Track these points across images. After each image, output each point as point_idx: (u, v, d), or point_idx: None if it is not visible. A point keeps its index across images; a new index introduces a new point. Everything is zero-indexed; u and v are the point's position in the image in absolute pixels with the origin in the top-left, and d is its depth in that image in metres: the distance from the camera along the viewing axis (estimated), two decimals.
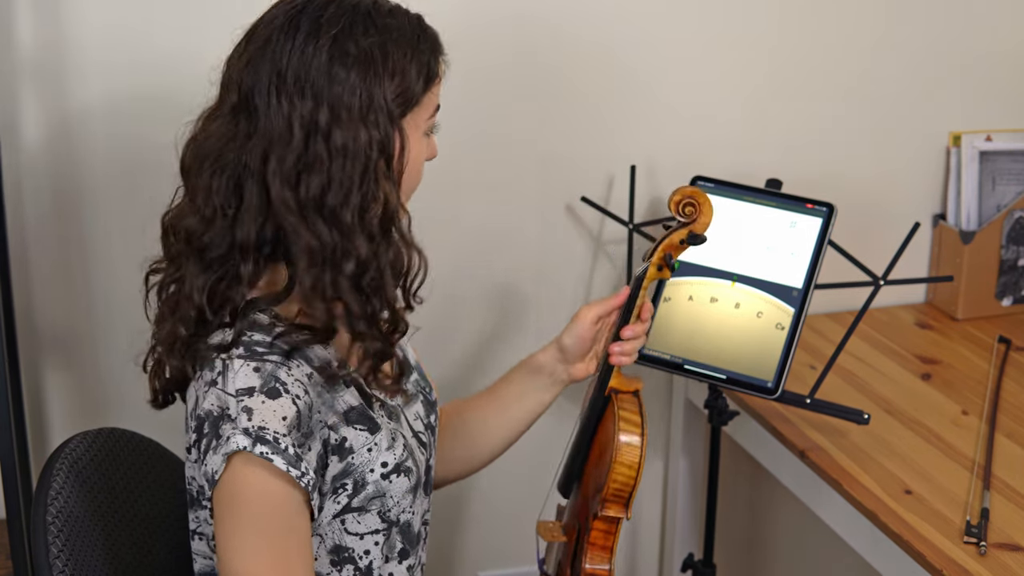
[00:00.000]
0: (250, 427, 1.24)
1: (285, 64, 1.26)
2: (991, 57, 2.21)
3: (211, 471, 1.25)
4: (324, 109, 1.25)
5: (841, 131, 2.18)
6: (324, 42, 1.25)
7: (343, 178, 1.25)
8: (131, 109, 1.86)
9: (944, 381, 1.97)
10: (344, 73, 1.25)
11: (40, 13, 1.80)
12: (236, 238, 1.28)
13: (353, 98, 1.25)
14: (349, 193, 1.26)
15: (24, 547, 1.78)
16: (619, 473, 1.47)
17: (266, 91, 1.26)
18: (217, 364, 1.28)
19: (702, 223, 1.52)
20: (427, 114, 1.33)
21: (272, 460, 1.23)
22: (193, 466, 1.34)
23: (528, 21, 1.98)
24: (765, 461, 1.93)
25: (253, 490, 1.25)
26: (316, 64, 1.25)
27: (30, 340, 1.93)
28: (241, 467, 1.24)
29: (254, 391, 1.26)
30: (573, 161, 2.08)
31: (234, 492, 1.25)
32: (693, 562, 2.07)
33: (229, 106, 1.29)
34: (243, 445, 1.23)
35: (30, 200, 1.87)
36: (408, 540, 1.42)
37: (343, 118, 1.25)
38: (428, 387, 1.53)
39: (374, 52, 1.26)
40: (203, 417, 1.27)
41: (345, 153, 1.25)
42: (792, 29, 2.11)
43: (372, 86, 1.26)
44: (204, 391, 1.29)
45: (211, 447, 1.26)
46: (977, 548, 1.51)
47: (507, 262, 2.09)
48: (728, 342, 1.67)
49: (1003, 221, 2.18)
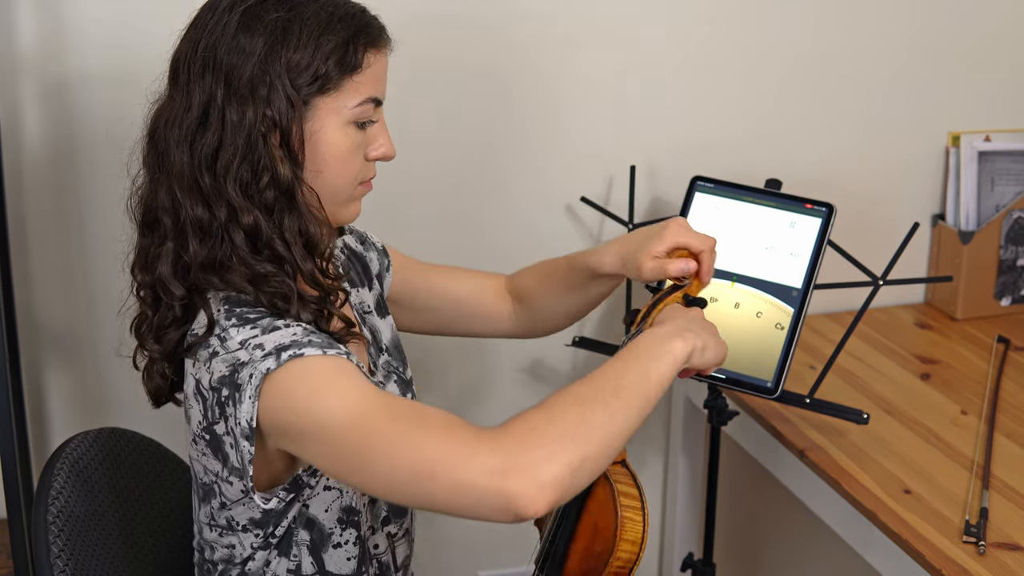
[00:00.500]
0: (268, 351, 1.23)
1: (200, 36, 1.30)
2: (991, 57, 2.21)
3: (246, 422, 1.23)
4: (221, 81, 1.28)
5: (841, 131, 2.18)
6: (235, 15, 1.29)
7: (231, 149, 1.28)
8: (131, 107, 1.85)
9: (943, 381, 1.97)
10: (247, 43, 1.28)
11: (40, 12, 1.80)
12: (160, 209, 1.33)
13: (248, 69, 1.28)
14: (230, 165, 1.28)
15: (25, 547, 1.79)
16: (623, 551, 1.43)
17: (186, 65, 1.30)
18: (213, 341, 1.29)
19: (697, 286, 1.47)
20: (350, 102, 1.32)
21: (303, 353, 1.22)
22: (203, 456, 1.33)
23: (528, 21, 1.99)
24: (765, 461, 1.93)
25: (300, 384, 1.21)
26: (225, 36, 1.29)
27: (31, 339, 1.93)
28: (277, 386, 1.22)
29: (257, 335, 1.26)
30: (573, 161, 2.08)
31: (285, 402, 1.21)
32: (693, 562, 2.07)
33: (167, 83, 1.33)
34: (268, 367, 1.22)
35: (30, 199, 1.87)
36: (393, 508, 1.46)
37: (235, 89, 1.28)
38: (402, 366, 1.54)
39: (277, 26, 1.28)
40: (217, 386, 1.27)
41: (233, 126, 1.28)
42: (792, 29, 2.11)
43: (271, 59, 1.28)
44: (206, 367, 1.28)
45: (236, 402, 1.24)
46: (976, 548, 1.52)
47: (507, 262, 2.09)
48: (728, 342, 1.66)
49: (1002, 221, 2.18)
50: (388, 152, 1.39)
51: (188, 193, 1.29)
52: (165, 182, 1.31)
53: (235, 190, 1.28)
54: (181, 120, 1.30)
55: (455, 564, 2.27)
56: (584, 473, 1.15)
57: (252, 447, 1.25)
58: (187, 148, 1.29)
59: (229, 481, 1.32)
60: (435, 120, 1.99)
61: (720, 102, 2.11)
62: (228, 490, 1.34)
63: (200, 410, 1.30)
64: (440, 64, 1.96)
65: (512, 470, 1.11)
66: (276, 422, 1.23)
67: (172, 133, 1.30)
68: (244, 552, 1.38)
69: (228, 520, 1.37)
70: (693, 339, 1.32)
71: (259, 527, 1.36)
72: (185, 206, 1.29)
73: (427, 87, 1.95)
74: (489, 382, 2.16)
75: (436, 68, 1.96)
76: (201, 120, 1.29)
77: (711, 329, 1.39)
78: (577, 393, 1.19)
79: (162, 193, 1.32)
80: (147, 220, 1.35)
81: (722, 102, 2.11)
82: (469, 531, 2.24)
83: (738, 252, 1.70)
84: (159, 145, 1.32)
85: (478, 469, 1.12)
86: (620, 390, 1.21)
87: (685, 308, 1.43)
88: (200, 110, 1.29)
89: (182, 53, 1.32)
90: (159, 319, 1.36)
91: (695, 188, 1.76)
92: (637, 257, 1.48)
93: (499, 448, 1.13)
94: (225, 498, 1.35)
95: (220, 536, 1.39)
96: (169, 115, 1.31)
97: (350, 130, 1.33)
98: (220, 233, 1.30)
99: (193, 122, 1.29)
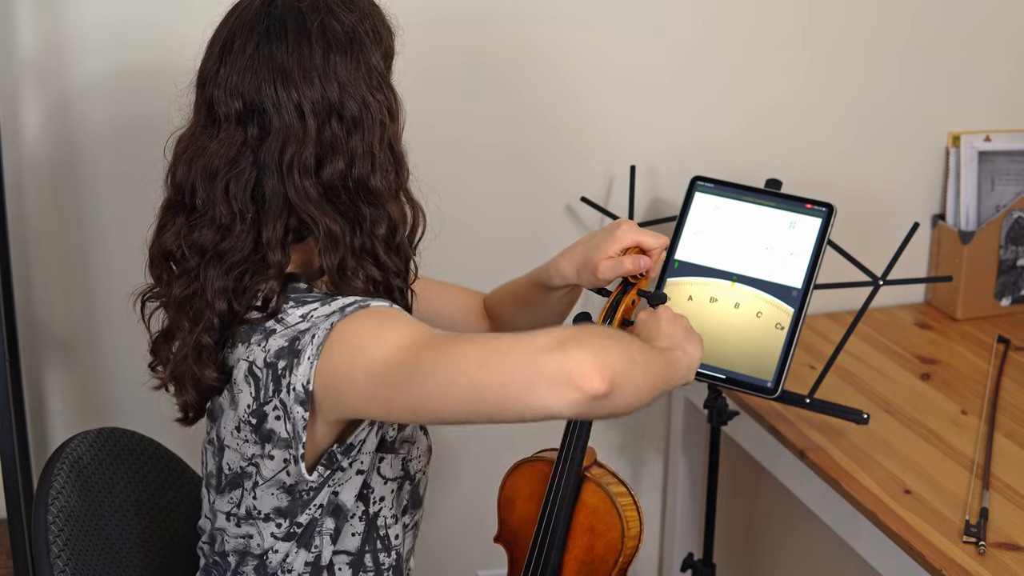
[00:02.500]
0: (331, 311, 1.27)
1: (281, 60, 1.30)
2: (991, 57, 2.21)
3: (301, 385, 1.25)
4: (333, 88, 1.30)
5: (841, 131, 2.18)
6: (315, 31, 1.30)
7: (364, 148, 1.31)
8: (131, 107, 1.86)
9: (943, 381, 1.97)
10: (340, 54, 1.31)
11: (40, 12, 1.80)
12: (262, 237, 1.32)
13: (355, 72, 1.31)
14: (373, 161, 1.32)
15: (25, 547, 1.79)
16: (629, 547, 1.46)
17: (272, 90, 1.29)
18: (268, 323, 1.31)
19: (644, 283, 1.50)
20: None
21: (369, 304, 1.26)
22: (244, 444, 1.33)
23: (528, 21, 1.99)
24: (765, 461, 1.93)
25: (369, 325, 1.24)
26: (311, 52, 1.30)
27: (31, 339, 1.93)
28: (343, 335, 1.24)
29: (316, 307, 1.29)
30: (573, 161, 2.08)
31: (355, 343, 1.23)
32: (693, 561, 2.07)
33: (233, 116, 1.31)
34: (333, 321, 1.25)
35: (31, 199, 1.87)
36: (414, 499, 1.48)
37: (351, 93, 1.31)
38: None
39: (357, 28, 1.32)
40: (274, 360, 1.28)
41: (361, 124, 1.31)
42: (792, 30, 2.11)
43: (366, 56, 1.32)
44: (261, 346, 1.29)
45: (292, 367, 1.26)
46: (976, 548, 1.52)
47: (507, 262, 2.09)
48: (728, 342, 1.67)
49: (1002, 221, 2.18)
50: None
51: (324, 213, 1.32)
52: (282, 207, 1.33)
53: (381, 184, 1.34)
54: (288, 141, 1.31)
55: (455, 564, 2.27)
56: (632, 373, 1.17)
57: (306, 412, 1.26)
58: (306, 169, 1.31)
59: (270, 455, 1.32)
60: (434, 120, 1.99)
61: (720, 102, 2.11)
62: (267, 465, 1.33)
63: (251, 392, 1.30)
64: (439, 64, 1.96)
65: (568, 342, 1.13)
66: (336, 371, 1.24)
67: (293, 174, 1.31)
68: (262, 543, 1.38)
69: (249, 509, 1.37)
70: (683, 357, 1.35)
71: (283, 516, 1.36)
72: (319, 220, 1.32)
73: (426, 87, 1.95)
74: None
75: (435, 68, 1.96)
76: (319, 133, 1.31)
77: (692, 339, 1.40)
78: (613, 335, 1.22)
79: (292, 220, 1.34)
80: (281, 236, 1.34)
81: (722, 102, 2.11)
82: (469, 531, 2.23)
83: (738, 252, 1.70)
84: (265, 176, 1.33)
85: (531, 346, 1.14)
86: (650, 350, 1.26)
87: (654, 315, 1.43)
88: (315, 124, 1.31)
89: (260, 82, 1.31)
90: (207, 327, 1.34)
91: (695, 188, 1.76)
92: (592, 260, 1.52)
93: (552, 333, 1.15)
94: (260, 476, 1.35)
95: (237, 526, 1.39)
96: (264, 143, 1.32)
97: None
98: (360, 234, 1.34)
99: (312, 139, 1.31)
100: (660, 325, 1.39)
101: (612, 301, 1.48)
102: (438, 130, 1.99)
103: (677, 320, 1.41)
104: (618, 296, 1.50)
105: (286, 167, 1.30)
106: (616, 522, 1.46)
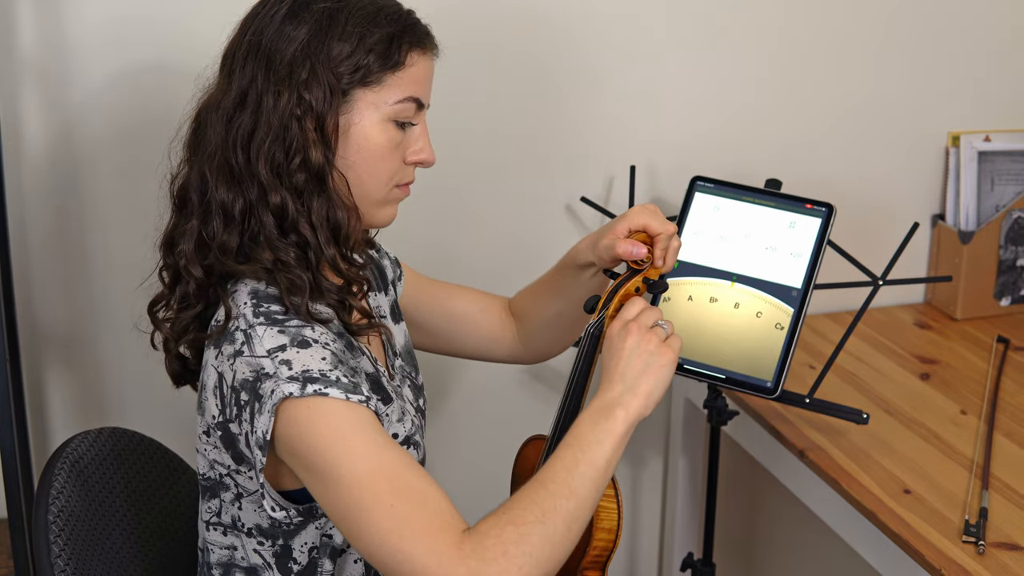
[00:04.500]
0: (294, 374, 1.24)
1: (250, 25, 1.34)
2: (991, 57, 2.21)
3: (261, 433, 1.25)
4: (263, 65, 1.31)
5: (840, 131, 2.18)
6: (285, 4, 1.33)
7: (265, 129, 1.30)
8: (131, 107, 1.86)
9: (943, 381, 1.97)
10: (293, 30, 1.31)
11: (40, 12, 1.80)
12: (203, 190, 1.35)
13: (290, 53, 1.31)
14: (262, 144, 1.30)
15: (25, 547, 1.79)
16: (599, 540, 1.44)
17: (231, 52, 1.34)
18: (238, 336, 1.29)
19: (655, 271, 1.45)
20: (390, 98, 1.34)
21: (328, 394, 1.24)
22: (214, 450, 1.34)
23: (528, 21, 1.99)
24: (764, 461, 1.93)
25: (317, 424, 1.23)
26: (272, 22, 1.32)
27: (31, 339, 1.93)
28: (295, 415, 1.24)
29: (285, 347, 1.27)
30: (573, 161, 2.08)
31: (299, 435, 1.23)
32: (692, 561, 2.07)
33: (217, 72, 1.37)
34: (290, 391, 1.23)
35: (31, 199, 1.87)
36: None
37: (275, 71, 1.31)
38: (414, 372, 1.56)
39: (324, 15, 1.32)
40: (239, 388, 1.27)
41: (269, 108, 1.30)
42: (792, 30, 2.11)
43: (313, 46, 1.31)
44: (230, 364, 1.29)
45: (255, 411, 1.26)
46: (976, 547, 1.52)
47: (507, 262, 2.09)
48: (727, 342, 1.67)
49: (1002, 221, 2.18)
50: (428, 158, 1.40)
51: (218, 173, 1.32)
52: (199, 162, 1.34)
53: (266, 170, 1.30)
54: (220, 103, 1.33)
55: None
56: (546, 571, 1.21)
57: (264, 458, 1.26)
58: (223, 128, 1.32)
59: (250, 476, 1.33)
60: (434, 120, 1.98)
61: (720, 102, 2.11)
62: (247, 483, 1.34)
63: (217, 405, 1.31)
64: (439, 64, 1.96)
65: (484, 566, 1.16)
66: (288, 446, 1.25)
67: (212, 116, 1.33)
68: (248, 558, 1.38)
69: (234, 519, 1.37)
70: (633, 401, 1.30)
71: (265, 536, 1.36)
72: (213, 186, 1.32)
73: None
74: (496, 382, 2.16)
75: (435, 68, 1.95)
76: (239, 102, 1.32)
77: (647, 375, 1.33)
78: (540, 506, 1.22)
79: (195, 173, 1.35)
80: (179, 199, 1.37)
81: (722, 102, 2.11)
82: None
83: (738, 252, 1.70)
84: (200, 128, 1.35)
85: (447, 557, 1.17)
86: (574, 491, 1.24)
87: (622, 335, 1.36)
88: (239, 93, 1.32)
89: (232, 42, 1.36)
90: (176, 301, 1.39)
91: (695, 188, 1.76)
92: (603, 237, 1.49)
93: (472, 568, 1.17)
94: (242, 489, 1.35)
95: (222, 535, 1.39)
96: (212, 100, 1.35)
97: (389, 127, 1.35)
98: (246, 217, 1.32)
99: (231, 104, 1.32)
100: (620, 354, 1.33)
101: (614, 286, 1.44)
102: (437, 130, 1.99)
103: (641, 346, 1.33)
104: (621, 282, 1.45)
105: (211, 124, 1.34)
106: None
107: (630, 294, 1.43)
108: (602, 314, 1.41)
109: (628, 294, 1.42)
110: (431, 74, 1.40)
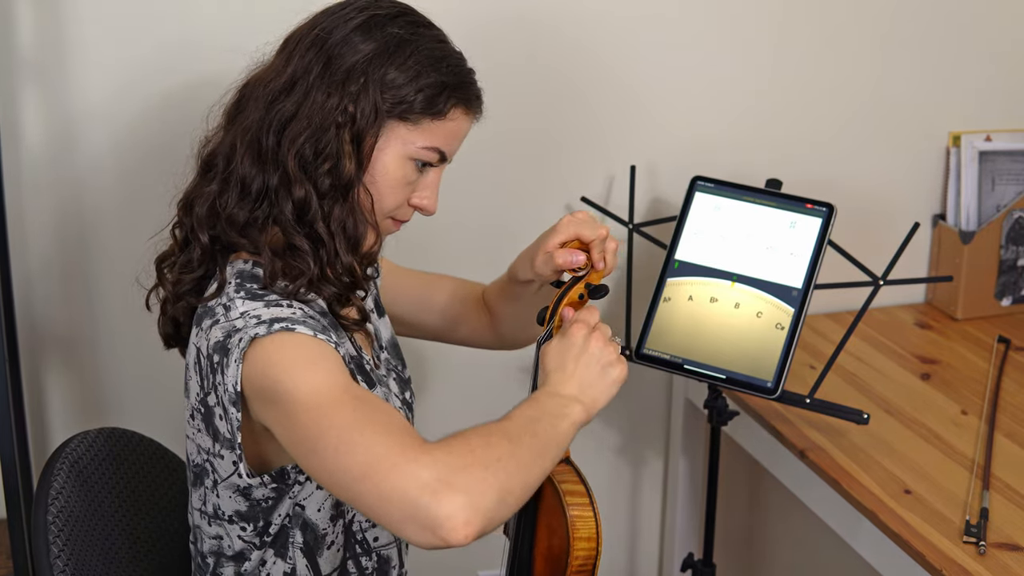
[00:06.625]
0: (262, 320, 1.26)
1: (321, 20, 1.35)
2: (991, 57, 2.21)
3: (231, 385, 1.26)
4: (322, 61, 1.32)
5: (841, 131, 2.18)
6: (362, 15, 1.34)
7: (304, 122, 1.31)
8: (131, 107, 1.86)
9: (943, 381, 1.97)
10: (361, 42, 1.33)
11: (40, 12, 1.80)
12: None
13: (350, 62, 1.32)
14: (297, 136, 1.31)
15: (25, 547, 1.79)
16: (580, 549, 1.43)
17: (296, 38, 1.35)
18: (218, 310, 1.31)
19: (597, 275, 1.46)
20: (421, 141, 1.36)
21: (295, 329, 1.25)
22: (198, 434, 1.35)
23: (529, 22, 1.99)
24: (765, 461, 1.93)
25: (282, 351, 1.24)
26: (344, 27, 1.33)
27: (31, 340, 1.93)
28: (260, 352, 1.24)
29: (258, 308, 1.29)
30: (573, 161, 2.08)
31: (263, 368, 1.23)
32: (693, 562, 2.07)
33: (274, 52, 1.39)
34: (256, 332, 1.25)
35: (31, 199, 1.87)
36: None
37: (331, 73, 1.32)
38: (400, 365, 1.56)
39: (393, 40, 1.33)
40: (212, 352, 1.29)
41: (315, 104, 1.31)
42: (793, 30, 2.11)
43: (373, 65, 1.32)
44: (206, 334, 1.31)
45: (224, 367, 1.26)
46: (976, 548, 1.52)
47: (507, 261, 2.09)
48: (728, 342, 1.67)
49: (1002, 221, 2.18)
50: (430, 207, 1.42)
51: (248, 148, 1.33)
52: (233, 132, 1.35)
53: (294, 161, 1.31)
54: (270, 82, 1.34)
55: (455, 564, 2.26)
56: (505, 507, 1.18)
57: (239, 412, 1.27)
58: (264, 107, 1.33)
59: (220, 455, 1.34)
60: None
61: (720, 102, 2.11)
62: (220, 465, 1.35)
63: (198, 380, 1.33)
64: None
65: (445, 488, 1.13)
66: (254, 386, 1.25)
67: (257, 91, 1.34)
68: (233, 545, 1.39)
69: (215, 508, 1.38)
70: (582, 410, 1.31)
71: (246, 520, 1.37)
72: (240, 158, 1.33)
73: None
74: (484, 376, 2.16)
75: None
76: (288, 87, 1.33)
77: (608, 372, 1.35)
78: (506, 428, 1.22)
79: (226, 141, 1.36)
80: (206, 163, 1.38)
81: (722, 102, 2.11)
82: None
83: (738, 252, 1.70)
84: (243, 100, 1.37)
85: (413, 477, 1.14)
86: (536, 435, 1.24)
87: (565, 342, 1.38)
88: (290, 78, 1.33)
89: (299, 29, 1.37)
90: (182, 260, 1.39)
91: (695, 188, 1.76)
92: (537, 254, 1.50)
93: (437, 462, 1.15)
94: (217, 475, 1.36)
95: (209, 525, 1.40)
96: (262, 76, 1.36)
97: (408, 164, 1.37)
98: (261, 197, 1.33)
99: (280, 86, 1.33)
100: (566, 360, 1.34)
101: (559, 295, 1.46)
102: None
103: (603, 356, 1.34)
104: (564, 290, 1.46)
105: (253, 99, 1.35)
106: (562, 521, 1.44)
107: (574, 301, 1.45)
108: (550, 326, 1.43)
109: (572, 301, 1.45)
110: (465, 135, 1.41)
